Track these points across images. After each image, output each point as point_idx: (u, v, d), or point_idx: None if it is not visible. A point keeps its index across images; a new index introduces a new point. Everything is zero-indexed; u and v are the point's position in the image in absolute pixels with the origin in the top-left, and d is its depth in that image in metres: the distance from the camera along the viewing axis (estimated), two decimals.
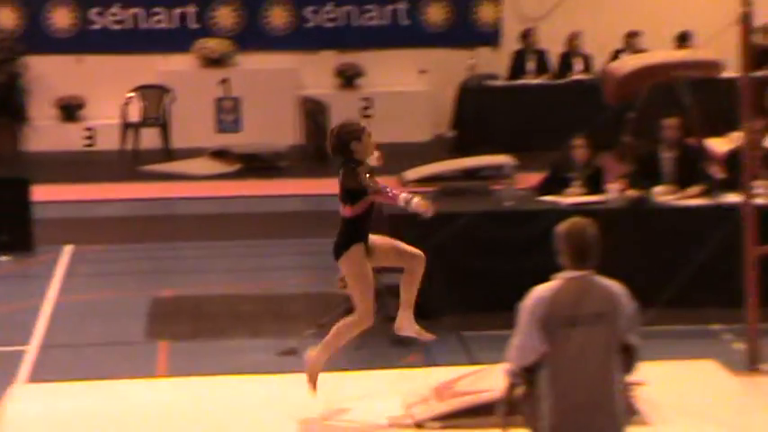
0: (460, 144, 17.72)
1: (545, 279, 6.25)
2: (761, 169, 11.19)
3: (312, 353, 8.14)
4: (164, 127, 18.80)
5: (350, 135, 7.96)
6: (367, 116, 18.79)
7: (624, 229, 11.10)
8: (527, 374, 5.77)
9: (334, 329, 8.21)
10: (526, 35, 18.36)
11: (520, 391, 5.83)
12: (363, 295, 8.06)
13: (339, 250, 8.03)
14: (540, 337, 5.71)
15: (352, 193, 7.90)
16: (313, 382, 8.13)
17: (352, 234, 7.98)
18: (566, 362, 5.72)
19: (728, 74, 13.43)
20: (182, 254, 14.09)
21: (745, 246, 9.07)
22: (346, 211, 7.96)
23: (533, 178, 12.36)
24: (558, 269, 5.96)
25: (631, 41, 17.82)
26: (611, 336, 5.81)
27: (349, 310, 9.13)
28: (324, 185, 16.23)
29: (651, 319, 9.96)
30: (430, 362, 9.93)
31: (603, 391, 5.76)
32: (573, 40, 18.24)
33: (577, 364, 5.72)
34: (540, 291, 5.86)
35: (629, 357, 5.87)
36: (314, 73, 19.19)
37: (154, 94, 18.97)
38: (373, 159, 8.06)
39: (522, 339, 5.78)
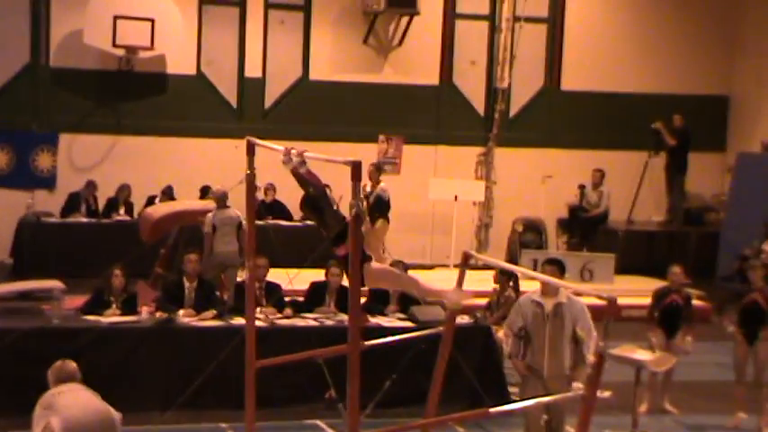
0: (18, 270, 17.28)
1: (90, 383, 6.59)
2: (262, 298, 11.66)
3: None
4: None
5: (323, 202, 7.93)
6: None
7: (153, 345, 11.23)
8: None
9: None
10: (88, 185, 18.27)
11: None
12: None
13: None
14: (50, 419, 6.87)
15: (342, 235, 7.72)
16: None
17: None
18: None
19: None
20: None
21: (247, 359, 9.38)
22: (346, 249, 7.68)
23: (79, 300, 12.25)
24: None
25: (165, 191, 18.08)
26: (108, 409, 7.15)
27: None
28: None
29: (172, 419, 10.16)
30: None
31: None
32: (120, 191, 18.29)
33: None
34: (47, 395, 7.07)
35: None
36: None
37: None
38: None
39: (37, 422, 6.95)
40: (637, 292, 15.33)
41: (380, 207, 16.89)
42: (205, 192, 17.83)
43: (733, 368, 11.79)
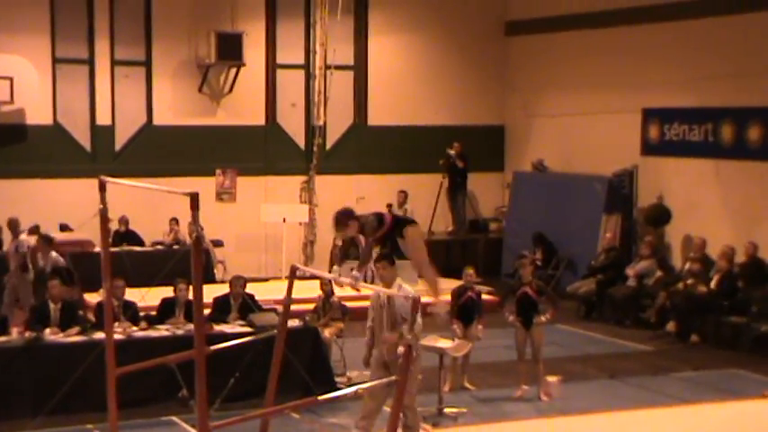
0: None
1: None
2: (120, 314, 11.38)
3: None
4: None
5: None
6: None
7: (24, 360, 10.87)
8: None
9: None
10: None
11: None
12: None
13: None
14: None
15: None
16: None
17: None
18: None
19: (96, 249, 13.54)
20: None
21: (108, 367, 9.15)
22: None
23: None
24: None
25: (32, 230, 17.04)
26: None
27: None
28: None
29: (44, 423, 9.81)
30: None
31: None
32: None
33: None
34: None
35: None
36: None
37: None
38: None
39: None
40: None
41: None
42: (64, 228, 17.33)
43: (516, 349, 12.10)
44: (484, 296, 13.14)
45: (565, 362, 13.45)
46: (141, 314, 11.94)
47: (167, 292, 12.13)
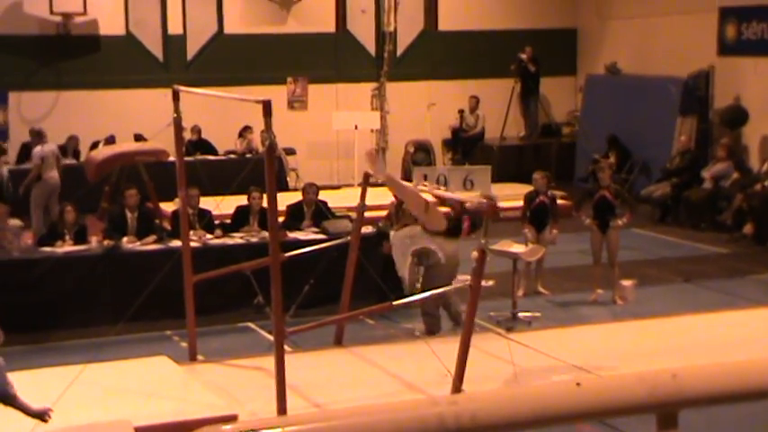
0: None
1: (43, 308, 6.24)
2: (195, 222, 11.40)
3: None
4: None
5: None
6: None
7: (103, 269, 10.96)
8: None
9: None
10: (38, 133, 17.60)
11: None
12: None
13: None
14: None
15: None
16: None
17: None
18: None
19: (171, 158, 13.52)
20: None
21: (185, 274, 9.18)
22: None
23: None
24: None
25: (108, 139, 17.41)
26: None
27: None
28: None
29: (124, 330, 9.89)
30: None
31: None
32: (69, 140, 17.65)
33: None
34: None
35: None
36: None
37: None
38: None
39: None
40: (511, 196, 15.29)
41: None
42: (138, 138, 17.35)
43: (591, 253, 11.91)
44: (558, 201, 12.88)
45: (640, 265, 13.22)
46: (216, 222, 11.93)
47: (241, 200, 12.09)
